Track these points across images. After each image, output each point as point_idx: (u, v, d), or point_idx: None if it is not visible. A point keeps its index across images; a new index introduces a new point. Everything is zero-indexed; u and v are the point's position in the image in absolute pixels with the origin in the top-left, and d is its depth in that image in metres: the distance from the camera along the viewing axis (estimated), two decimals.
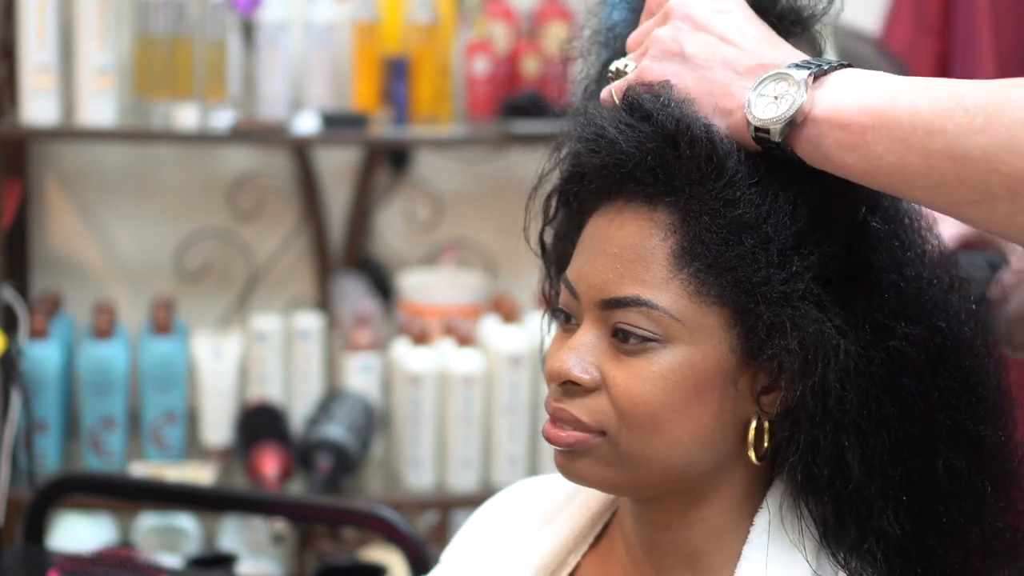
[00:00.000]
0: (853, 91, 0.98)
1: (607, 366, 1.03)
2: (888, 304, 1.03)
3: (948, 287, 1.06)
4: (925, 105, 0.94)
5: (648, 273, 1.02)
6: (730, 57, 1.02)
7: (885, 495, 1.02)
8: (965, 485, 1.04)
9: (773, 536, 1.05)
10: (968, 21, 2.53)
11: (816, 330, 1.00)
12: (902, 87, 0.96)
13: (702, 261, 1.01)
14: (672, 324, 1.01)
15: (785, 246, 1.01)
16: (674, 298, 1.01)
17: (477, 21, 2.64)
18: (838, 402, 1.00)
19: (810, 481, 1.02)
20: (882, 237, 1.05)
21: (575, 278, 1.06)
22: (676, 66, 1.04)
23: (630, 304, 1.02)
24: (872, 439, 1.01)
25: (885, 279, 1.04)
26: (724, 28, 1.04)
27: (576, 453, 1.04)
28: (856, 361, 1.01)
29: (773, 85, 0.99)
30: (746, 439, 1.04)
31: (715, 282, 1.01)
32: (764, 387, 1.03)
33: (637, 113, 1.03)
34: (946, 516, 1.04)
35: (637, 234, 1.03)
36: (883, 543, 1.03)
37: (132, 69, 2.54)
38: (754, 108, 1.00)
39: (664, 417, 1.02)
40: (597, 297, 1.04)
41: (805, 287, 1.01)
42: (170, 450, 2.57)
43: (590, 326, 1.04)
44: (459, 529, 1.27)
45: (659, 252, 1.02)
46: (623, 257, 1.03)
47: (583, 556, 1.15)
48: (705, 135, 1.01)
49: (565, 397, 1.04)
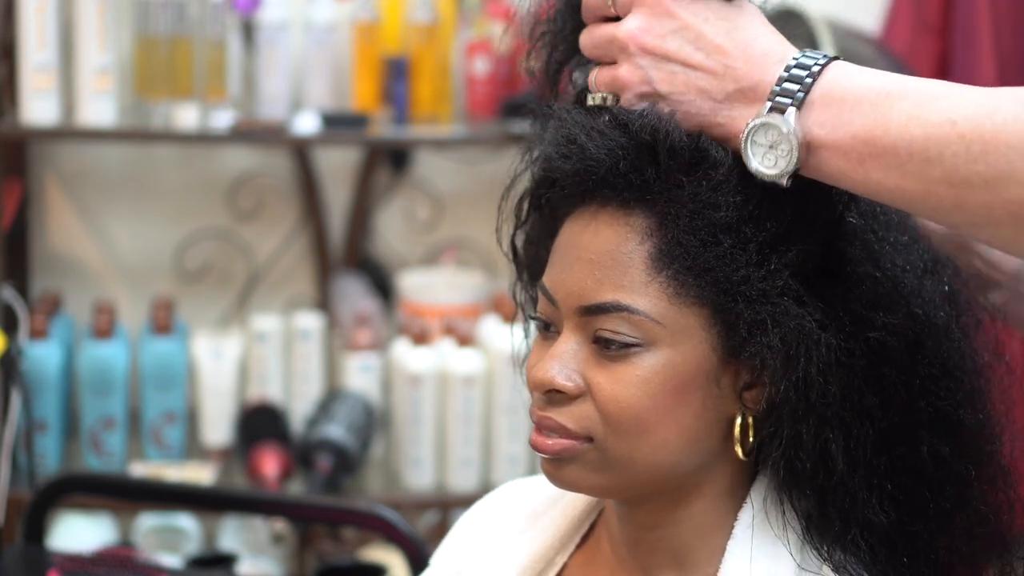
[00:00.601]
0: (840, 112, 0.97)
1: (590, 372, 1.03)
2: (866, 295, 1.04)
3: (922, 271, 1.07)
4: (919, 131, 0.94)
5: (626, 278, 1.02)
6: (705, 87, 1.01)
7: (869, 485, 1.03)
8: (949, 470, 1.05)
9: (757, 531, 1.06)
10: (968, 21, 2.53)
11: (797, 325, 1.00)
12: (890, 104, 0.95)
13: (680, 263, 1.01)
14: (653, 327, 1.02)
15: (764, 245, 1.01)
16: (654, 301, 1.02)
17: (477, 21, 2.64)
18: (821, 395, 1.01)
19: (793, 475, 1.03)
20: (858, 231, 1.05)
21: (552, 286, 1.06)
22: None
23: (610, 310, 1.02)
24: (855, 430, 1.02)
25: (862, 271, 1.04)
26: (681, 52, 1.01)
27: (563, 460, 1.05)
28: (837, 354, 1.01)
29: (763, 133, 0.99)
30: (730, 436, 1.05)
31: (694, 283, 1.01)
32: (746, 384, 1.04)
33: (612, 120, 1.03)
34: (932, 502, 1.04)
35: (613, 239, 1.03)
36: (867, 533, 1.03)
37: (132, 69, 2.54)
38: (753, 161, 0.99)
39: (649, 420, 1.02)
40: (576, 304, 1.04)
41: (784, 283, 1.01)
42: (170, 450, 2.57)
43: (570, 333, 1.05)
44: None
45: (636, 256, 1.02)
46: (600, 263, 1.03)
47: (569, 556, 1.16)
48: (688, 143, 1.01)
49: (550, 405, 1.05)
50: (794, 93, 0.98)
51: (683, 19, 1.01)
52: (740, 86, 1.00)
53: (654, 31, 1.02)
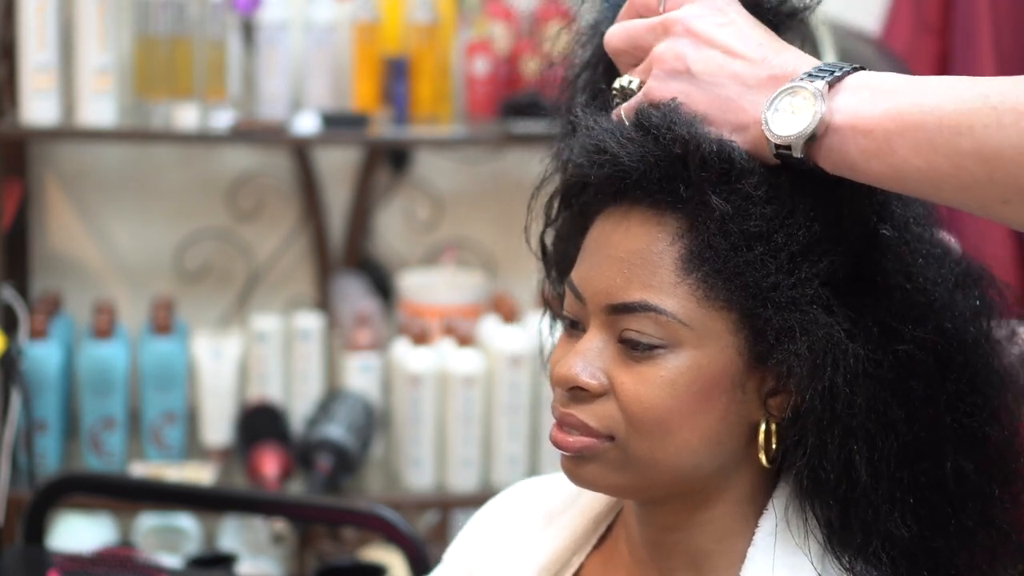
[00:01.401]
0: (872, 96, 0.96)
1: (615, 371, 1.03)
2: (896, 307, 1.02)
3: (953, 285, 1.06)
4: (951, 106, 0.93)
5: (656, 278, 1.01)
6: (739, 71, 1.01)
7: (892, 498, 1.02)
8: (972, 486, 1.04)
9: (778, 539, 1.05)
10: (968, 21, 2.53)
11: (825, 334, 0.99)
12: (923, 88, 0.95)
13: (711, 266, 1.00)
14: (680, 329, 1.01)
15: (795, 253, 1.00)
16: (682, 303, 1.01)
17: (477, 21, 2.64)
18: (846, 406, 1.00)
19: (816, 484, 1.02)
20: (891, 243, 1.04)
21: (581, 283, 1.05)
22: (683, 84, 1.02)
23: (638, 309, 1.01)
24: (880, 442, 1.01)
25: (893, 283, 1.03)
26: (728, 40, 1.01)
27: (584, 458, 1.04)
28: (865, 364, 1.00)
29: (788, 99, 0.98)
30: (753, 442, 1.04)
31: (723, 287, 1.00)
32: (772, 390, 1.03)
33: (641, 129, 1.02)
34: (954, 518, 1.03)
35: (644, 238, 1.02)
36: (889, 546, 1.02)
37: (132, 69, 2.54)
38: (772, 124, 0.98)
39: (672, 421, 1.01)
40: (604, 302, 1.03)
41: (814, 292, 1.00)
42: (170, 450, 2.57)
43: (597, 331, 1.04)
44: (459, 529, 1.27)
45: (667, 257, 1.01)
46: (630, 262, 1.02)
47: (587, 557, 1.15)
48: (718, 154, 1.00)
49: (572, 402, 1.04)
50: (828, 74, 0.98)
51: (734, 17, 1.03)
52: (773, 73, 1.00)
53: (705, 19, 1.02)
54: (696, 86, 1.01)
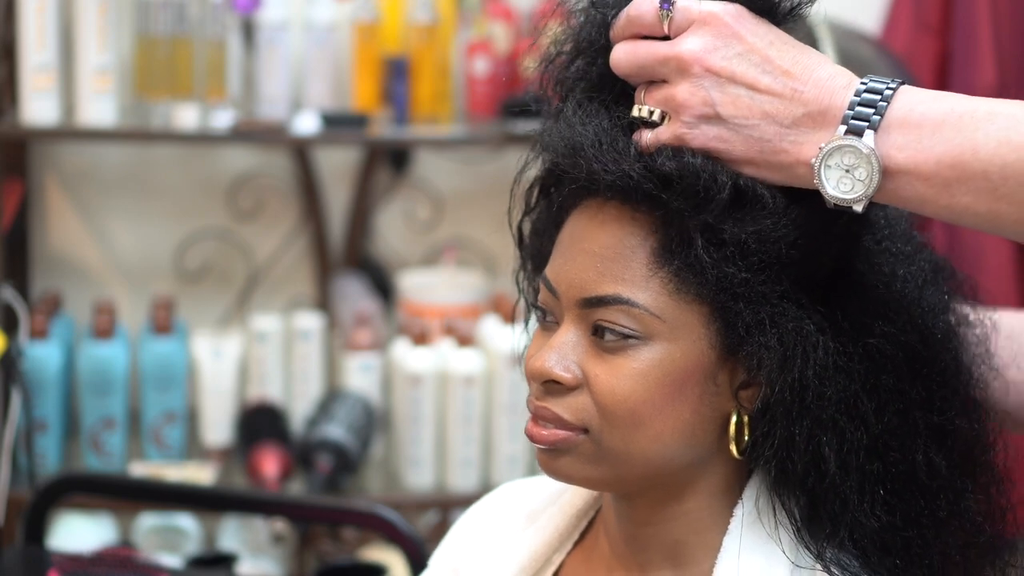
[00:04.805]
0: (920, 137, 0.95)
1: (588, 364, 1.04)
2: (867, 303, 1.04)
3: (923, 282, 1.08)
4: (1012, 155, 0.92)
5: (628, 271, 1.02)
6: (771, 111, 0.98)
7: (861, 489, 1.03)
8: (943, 479, 1.05)
9: (751, 528, 1.06)
10: (968, 21, 2.53)
11: (795, 327, 1.01)
12: (976, 130, 0.94)
13: (682, 260, 1.01)
14: (652, 321, 1.02)
15: (769, 253, 1.01)
16: (654, 296, 1.02)
17: (477, 21, 2.64)
18: (816, 398, 1.01)
19: (784, 475, 1.03)
20: (861, 240, 1.06)
21: (554, 276, 1.06)
22: (716, 128, 1.00)
23: (611, 302, 1.02)
24: (849, 435, 1.02)
25: (865, 279, 1.05)
26: (749, 74, 0.99)
27: (558, 451, 1.05)
28: (835, 358, 1.01)
29: (839, 155, 0.97)
30: (726, 434, 1.05)
31: (695, 280, 1.01)
32: (743, 382, 1.04)
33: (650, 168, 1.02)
34: (925, 509, 1.04)
35: (618, 232, 1.03)
36: (858, 536, 1.03)
37: (132, 69, 2.54)
38: (828, 185, 0.97)
39: (645, 413, 1.02)
40: (577, 296, 1.04)
41: (785, 287, 1.01)
42: (170, 450, 2.58)
43: (570, 324, 1.05)
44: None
45: (640, 251, 1.02)
46: (603, 256, 1.03)
47: (567, 554, 1.16)
48: (717, 190, 1.00)
49: (547, 396, 1.05)
50: (869, 116, 0.96)
51: (749, 42, 0.99)
52: (809, 110, 0.98)
53: (720, 52, 0.99)
54: (730, 130, 0.99)
